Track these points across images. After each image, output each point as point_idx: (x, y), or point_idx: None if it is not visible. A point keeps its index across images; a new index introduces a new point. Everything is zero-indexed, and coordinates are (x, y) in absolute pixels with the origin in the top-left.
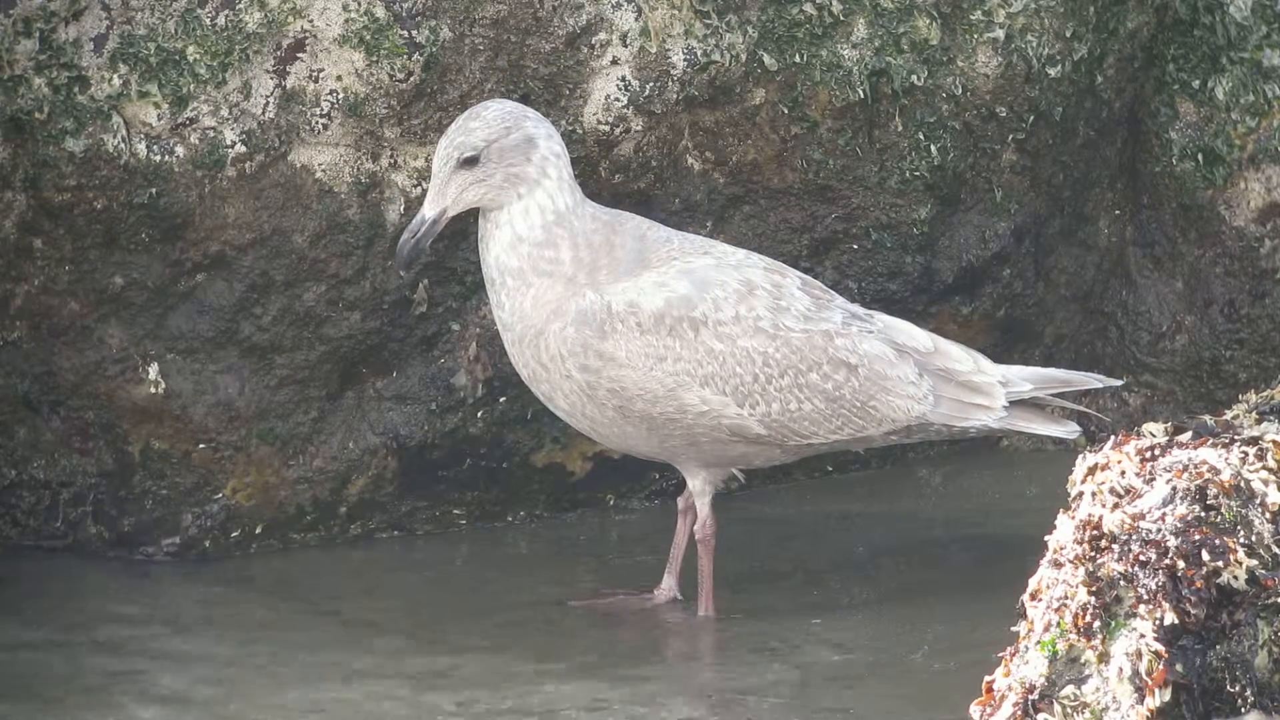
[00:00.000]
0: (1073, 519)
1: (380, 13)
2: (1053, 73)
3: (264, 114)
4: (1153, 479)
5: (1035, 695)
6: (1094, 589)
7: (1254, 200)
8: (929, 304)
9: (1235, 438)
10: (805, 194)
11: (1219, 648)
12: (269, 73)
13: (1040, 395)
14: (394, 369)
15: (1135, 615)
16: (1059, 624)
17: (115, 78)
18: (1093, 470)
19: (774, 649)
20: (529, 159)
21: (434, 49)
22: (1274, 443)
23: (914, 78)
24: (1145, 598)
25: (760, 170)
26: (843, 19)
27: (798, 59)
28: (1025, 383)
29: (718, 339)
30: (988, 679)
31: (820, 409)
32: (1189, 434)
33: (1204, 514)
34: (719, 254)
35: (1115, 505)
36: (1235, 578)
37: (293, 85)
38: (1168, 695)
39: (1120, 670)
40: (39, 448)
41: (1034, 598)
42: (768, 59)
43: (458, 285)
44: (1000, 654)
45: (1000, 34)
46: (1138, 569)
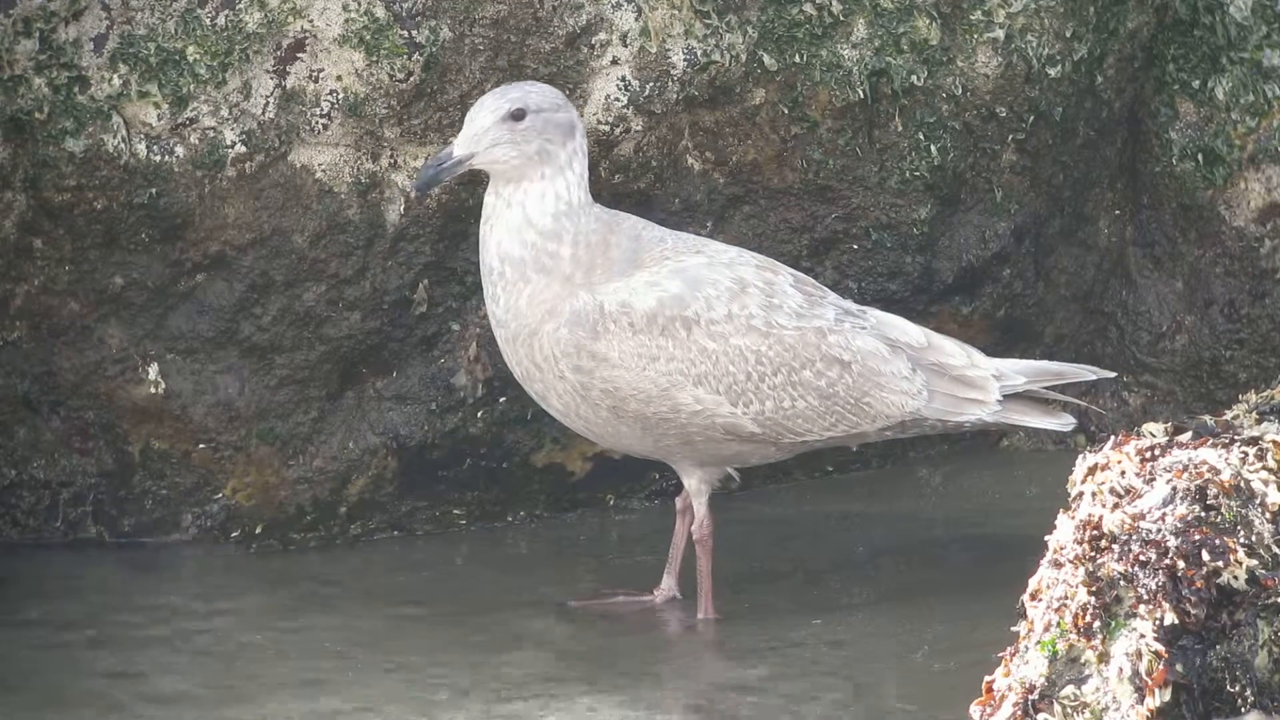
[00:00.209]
0: (1073, 519)
1: (380, 13)
2: (1053, 73)
3: (264, 114)
4: (1153, 479)
5: (1035, 695)
6: (1094, 589)
7: (1254, 200)
8: (929, 304)
9: (1235, 438)
10: (805, 194)
11: (1219, 648)
12: (269, 73)
13: (1034, 388)
14: (394, 369)
15: (1135, 615)
16: (1059, 624)
17: (115, 78)
18: (1093, 470)
19: (774, 649)
20: (564, 143)
21: (434, 49)
22: (1274, 443)
23: (914, 78)
24: (1145, 598)
25: (760, 170)
26: (843, 19)
27: (798, 59)
28: (1019, 376)
29: (710, 338)
30: (988, 679)
31: (814, 406)
32: (1189, 434)
33: (1204, 514)
34: (711, 252)
35: (1115, 505)
36: (1235, 578)
37: (293, 85)
38: (1168, 695)
39: (1120, 670)
40: (39, 448)
41: (1034, 598)
42: (768, 59)
43: (458, 285)
44: (1000, 654)
45: (1000, 34)
46: (1138, 569)
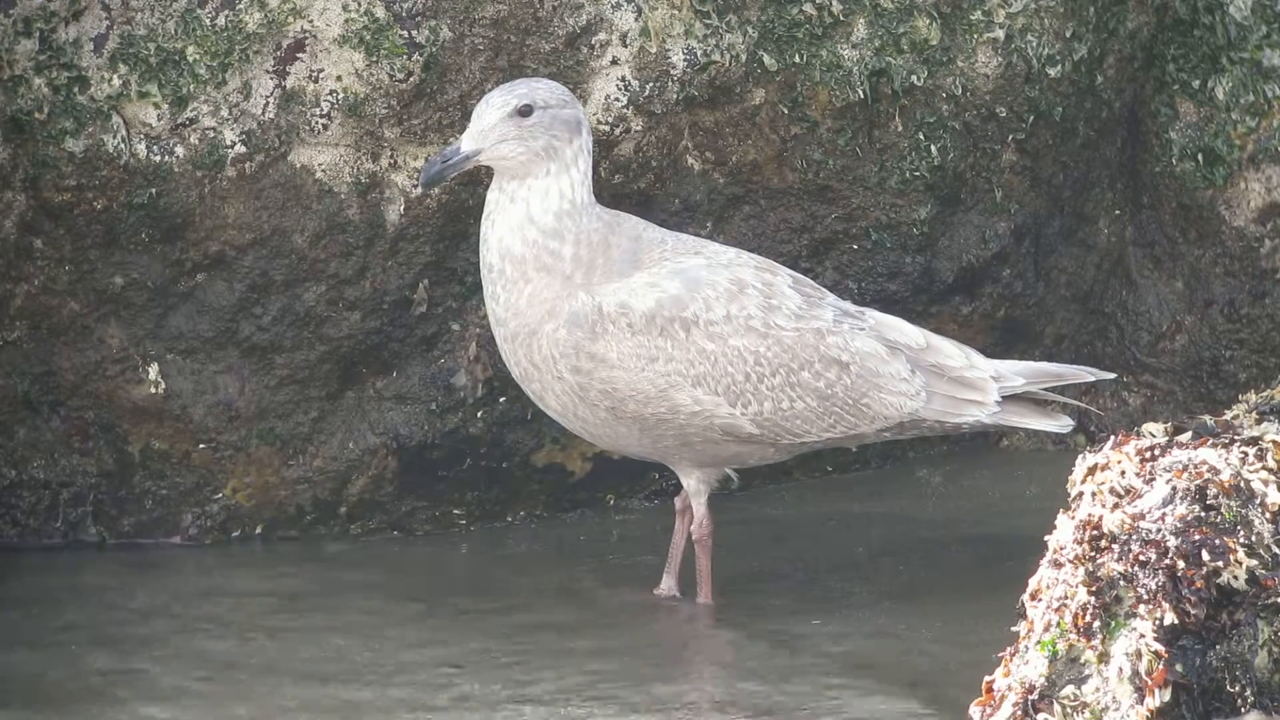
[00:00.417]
0: (1073, 519)
1: (380, 13)
2: (1053, 73)
3: (264, 114)
4: (1153, 479)
5: (1035, 695)
6: (1094, 589)
7: (1254, 200)
8: (929, 304)
9: (1235, 438)
10: (805, 194)
11: (1219, 648)
12: (269, 73)
13: (1033, 389)
14: (394, 369)
15: (1135, 615)
16: (1059, 624)
17: (115, 78)
18: (1093, 470)
19: (774, 648)
20: (570, 140)
21: (434, 49)
22: (1274, 443)
23: (914, 78)
24: (1145, 598)
25: (760, 170)
26: (843, 19)
27: (798, 59)
28: (1018, 377)
29: (709, 339)
30: (988, 679)
31: (812, 407)
32: (1189, 434)
33: (1204, 514)
34: (710, 253)
35: (1115, 505)
36: (1235, 578)
37: (293, 85)
38: (1168, 695)
39: (1120, 670)
40: (39, 448)
41: (1034, 598)
42: (768, 59)
43: (458, 285)
44: (1000, 654)
45: (1000, 34)
46: (1138, 569)
